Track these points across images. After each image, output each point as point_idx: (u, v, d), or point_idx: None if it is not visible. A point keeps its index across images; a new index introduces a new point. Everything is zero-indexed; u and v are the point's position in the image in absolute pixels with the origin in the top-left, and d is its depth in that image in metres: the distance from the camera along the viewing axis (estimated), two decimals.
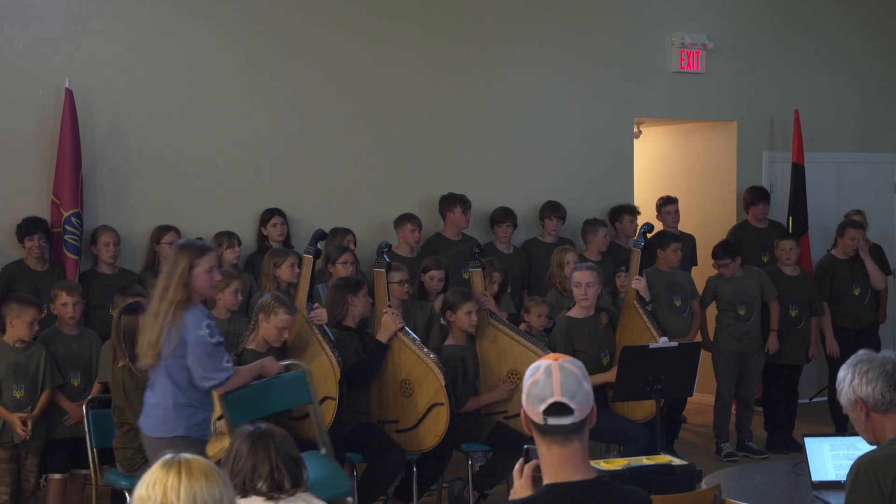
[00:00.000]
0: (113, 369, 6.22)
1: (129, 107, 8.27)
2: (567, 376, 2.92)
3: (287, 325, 6.40)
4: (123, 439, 6.18)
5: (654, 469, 4.64)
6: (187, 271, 5.24)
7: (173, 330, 5.20)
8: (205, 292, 5.37)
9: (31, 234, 7.60)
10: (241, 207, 8.52)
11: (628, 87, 9.99)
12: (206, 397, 5.42)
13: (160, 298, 5.25)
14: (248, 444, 3.59)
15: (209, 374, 5.29)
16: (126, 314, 6.14)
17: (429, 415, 6.68)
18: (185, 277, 5.24)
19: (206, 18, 8.55)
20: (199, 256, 5.28)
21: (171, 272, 5.27)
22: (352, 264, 7.70)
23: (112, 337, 6.26)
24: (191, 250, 5.32)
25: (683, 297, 8.54)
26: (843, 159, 10.84)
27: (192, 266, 5.26)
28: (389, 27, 9.11)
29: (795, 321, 8.90)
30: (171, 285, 5.24)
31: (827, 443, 4.90)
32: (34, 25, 8.01)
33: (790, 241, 9.04)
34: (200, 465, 2.64)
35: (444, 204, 8.96)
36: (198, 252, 5.30)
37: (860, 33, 10.94)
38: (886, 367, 3.43)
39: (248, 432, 3.63)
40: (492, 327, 7.16)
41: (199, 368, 5.26)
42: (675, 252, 8.53)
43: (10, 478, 6.69)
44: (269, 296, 6.60)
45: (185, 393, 5.29)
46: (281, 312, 6.36)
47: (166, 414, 5.29)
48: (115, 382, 6.18)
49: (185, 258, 5.28)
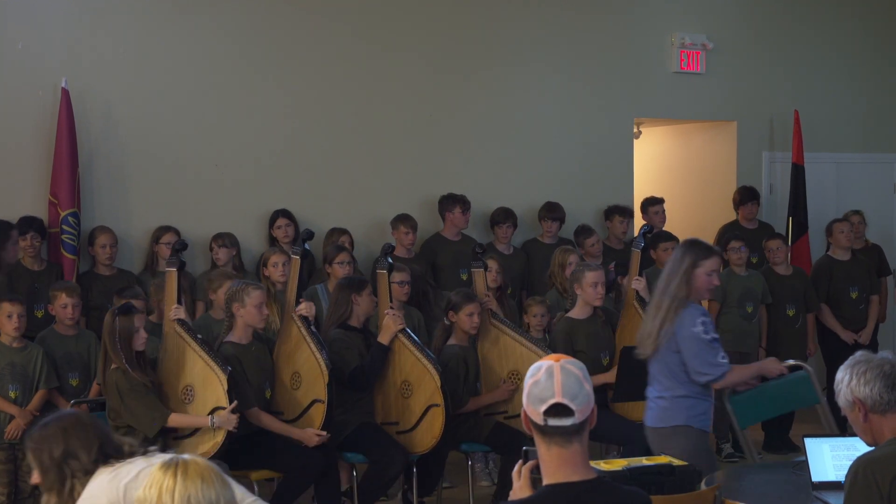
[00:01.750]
0: (105, 372, 6.15)
1: (126, 106, 8.27)
2: (568, 377, 2.91)
3: (262, 300, 6.44)
4: None
5: (654, 469, 4.63)
6: (691, 269, 5.35)
7: (669, 325, 5.34)
8: (702, 293, 5.44)
9: (24, 234, 7.59)
10: (241, 207, 8.52)
11: (628, 87, 9.98)
12: (706, 388, 5.49)
13: (662, 293, 5.39)
14: (60, 431, 3.55)
15: (704, 369, 5.37)
16: (120, 315, 6.11)
17: (426, 416, 6.68)
18: (689, 275, 5.34)
19: (206, 18, 8.54)
20: (705, 258, 5.38)
21: (676, 269, 5.38)
22: (348, 264, 7.70)
23: (104, 339, 6.17)
24: (697, 250, 5.41)
25: None
26: (843, 159, 10.83)
27: (696, 265, 5.35)
28: (390, 28, 9.11)
29: (793, 320, 8.89)
30: (674, 281, 5.36)
31: (827, 443, 4.89)
32: (32, 25, 8.00)
33: (777, 241, 9.05)
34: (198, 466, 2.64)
35: (444, 204, 8.96)
36: (704, 252, 5.40)
37: (860, 33, 10.93)
38: (884, 367, 3.43)
39: (46, 424, 3.60)
40: (493, 328, 7.16)
41: (695, 363, 5.35)
42: (666, 252, 8.54)
43: (7, 478, 6.70)
44: (233, 283, 6.61)
45: (684, 385, 5.41)
46: (251, 290, 6.41)
47: (667, 405, 5.44)
48: (109, 385, 6.11)
49: (690, 257, 5.38)
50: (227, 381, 6.18)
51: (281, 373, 6.63)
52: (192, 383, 6.31)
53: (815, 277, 9.14)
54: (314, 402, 6.51)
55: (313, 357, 6.53)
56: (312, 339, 6.56)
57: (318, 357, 6.51)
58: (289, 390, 6.61)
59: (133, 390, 6.05)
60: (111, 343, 6.11)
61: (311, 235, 7.08)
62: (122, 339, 6.09)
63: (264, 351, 6.60)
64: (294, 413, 6.58)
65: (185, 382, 6.33)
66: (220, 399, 6.20)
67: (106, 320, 6.19)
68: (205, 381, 6.27)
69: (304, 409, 6.56)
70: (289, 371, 6.61)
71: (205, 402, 6.26)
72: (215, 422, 6.13)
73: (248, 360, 6.41)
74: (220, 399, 6.21)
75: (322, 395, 6.49)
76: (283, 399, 6.63)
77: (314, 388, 6.51)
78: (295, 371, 6.59)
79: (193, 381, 6.31)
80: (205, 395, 6.27)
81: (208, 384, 6.25)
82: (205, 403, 6.26)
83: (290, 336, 6.64)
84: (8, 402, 6.67)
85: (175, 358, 6.38)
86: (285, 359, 6.64)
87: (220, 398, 6.20)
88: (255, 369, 6.44)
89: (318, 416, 6.49)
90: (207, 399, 6.26)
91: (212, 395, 6.25)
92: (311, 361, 6.54)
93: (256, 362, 6.47)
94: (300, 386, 6.57)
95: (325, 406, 6.48)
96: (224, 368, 6.21)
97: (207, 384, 6.26)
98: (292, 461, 6.42)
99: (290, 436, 6.42)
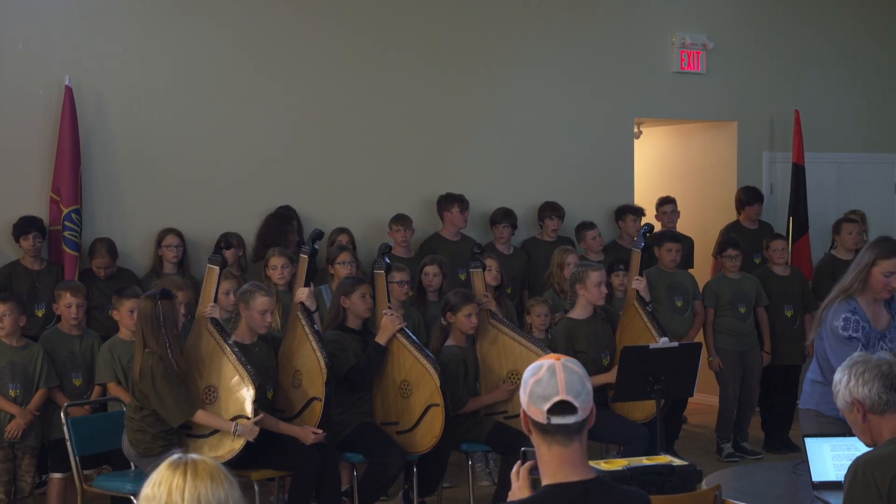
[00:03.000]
0: (140, 356, 6.06)
1: (129, 105, 8.27)
2: (571, 375, 2.91)
3: (268, 308, 6.41)
4: (142, 423, 6.08)
5: (654, 469, 4.63)
6: (869, 266, 5.40)
7: (827, 312, 5.44)
8: (877, 291, 5.44)
9: (25, 234, 7.60)
10: (242, 207, 8.52)
11: (628, 87, 9.99)
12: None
13: (840, 281, 5.46)
14: None
15: (836, 363, 5.36)
16: (163, 300, 6.03)
17: (425, 416, 6.68)
18: (866, 271, 5.38)
19: (207, 18, 8.54)
20: (883, 258, 5.40)
21: (859, 262, 5.44)
22: (350, 263, 7.70)
23: (141, 325, 6.08)
24: (879, 248, 5.42)
25: (685, 298, 8.56)
26: (843, 159, 10.83)
27: (874, 263, 5.38)
28: (390, 28, 9.11)
29: (791, 321, 8.89)
30: (851, 274, 5.42)
31: (827, 443, 4.89)
32: (34, 24, 8.01)
33: (782, 241, 9.06)
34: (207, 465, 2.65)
35: (442, 204, 8.96)
36: (884, 252, 5.41)
37: (860, 33, 10.94)
38: (882, 368, 3.43)
39: None
40: (492, 328, 7.16)
41: (831, 356, 5.39)
42: (670, 252, 8.56)
43: (7, 477, 6.68)
44: (246, 284, 6.61)
45: (824, 373, 5.44)
46: (259, 296, 6.38)
47: (811, 388, 5.56)
48: (144, 368, 6.02)
49: (871, 253, 5.41)
50: (254, 390, 6.15)
51: (283, 370, 6.63)
52: (217, 385, 6.25)
53: (818, 276, 9.13)
54: (312, 399, 6.52)
55: (314, 355, 6.53)
56: (314, 336, 6.57)
57: (319, 355, 6.52)
58: (290, 387, 6.62)
59: (167, 377, 6.01)
60: (153, 328, 6.01)
61: (320, 235, 7.07)
62: (165, 322, 6.02)
63: (267, 351, 6.60)
64: (293, 410, 6.59)
65: (208, 382, 6.28)
66: (244, 408, 6.17)
67: (144, 305, 6.10)
68: (231, 386, 6.23)
69: (302, 406, 6.56)
70: (291, 368, 6.62)
71: (227, 407, 6.21)
72: (238, 430, 6.10)
73: (251, 361, 6.41)
74: (243, 408, 6.18)
75: (320, 394, 6.49)
76: (283, 396, 6.64)
77: (313, 386, 6.51)
78: (296, 369, 6.60)
79: (218, 384, 6.25)
80: (228, 400, 6.22)
81: (234, 390, 6.21)
82: (227, 408, 6.21)
83: (295, 334, 6.65)
84: (8, 401, 6.67)
85: (203, 356, 6.33)
86: (288, 356, 6.64)
87: (244, 407, 6.17)
88: (258, 370, 6.44)
89: (315, 415, 6.49)
90: (230, 405, 6.21)
91: (235, 402, 6.20)
92: (311, 359, 6.54)
93: (259, 362, 6.46)
94: (300, 383, 6.57)
95: (323, 405, 6.48)
96: (253, 377, 6.18)
97: (233, 390, 6.21)
98: (291, 460, 6.43)
99: (287, 433, 6.42)
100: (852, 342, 5.39)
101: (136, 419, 6.14)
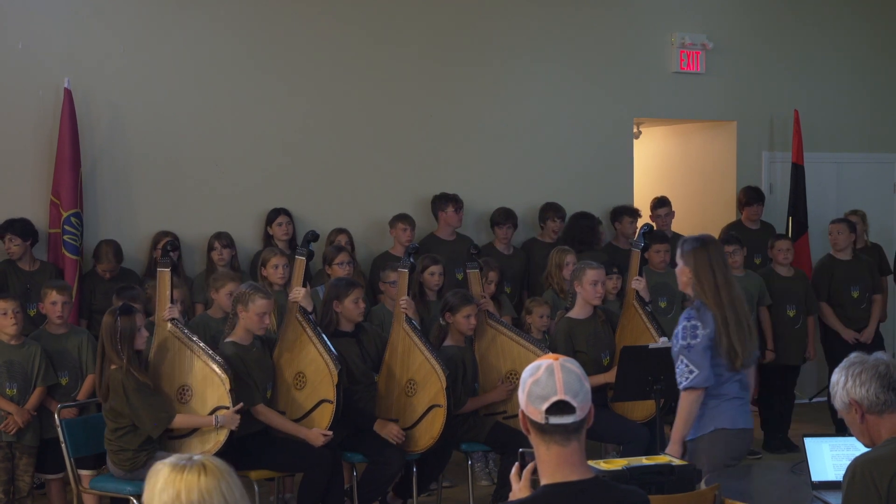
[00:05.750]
0: (104, 373, 6.10)
1: (128, 106, 8.28)
2: (569, 375, 2.92)
3: (266, 310, 6.41)
4: (120, 442, 6.11)
5: (653, 469, 4.63)
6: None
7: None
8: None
9: (1, 236, 7.61)
10: (241, 207, 8.53)
11: (628, 87, 9.99)
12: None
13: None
14: None
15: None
16: (122, 315, 6.08)
17: (426, 416, 6.68)
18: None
19: (207, 18, 8.55)
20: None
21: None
22: (348, 264, 7.69)
23: (104, 339, 6.12)
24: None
25: (670, 299, 8.55)
26: (843, 159, 10.83)
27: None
28: (390, 28, 9.11)
29: (793, 321, 8.88)
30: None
31: (827, 443, 4.89)
32: (34, 25, 8.01)
33: (786, 242, 9.05)
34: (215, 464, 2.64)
35: (437, 204, 8.96)
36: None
37: (861, 33, 10.93)
38: (879, 368, 3.43)
39: None
40: (490, 328, 7.17)
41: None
42: (658, 253, 8.56)
43: (6, 476, 6.67)
44: (244, 285, 6.59)
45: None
46: (257, 298, 6.36)
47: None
48: (114, 385, 6.05)
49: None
50: (229, 381, 6.18)
51: (283, 372, 6.62)
52: (190, 383, 6.29)
53: (817, 276, 9.12)
54: (322, 402, 6.51)
55: (320, 357, 6.52)
56: (318, 339, 6.56)
57: (327, 358, 6.51)
58: (291, 390, 6.61)
59: (139, 390, 6.04)
60: (112, 343, 6.06)
61: (315, 237, 7.06)
62: (123, 338, 6.06)
63: (264, 351, 6.60)
64: (298, 413, 6.57)
65: (181, 382, 6.31)
66: (222, 398, 6.20)
67: (106, 321, 6.14)
68: (204, 380, 6.26)
69: (309, 409, 6.55)
70: (292, 371, 6.60)
71: (204, 402, 6.26)
72: (219, 421, 6.13)
73: (250, 360, 6.41)
74: (221, 398, 6.20)
75: (331, 396, 6.49)
76: (284, 399, 6.63)
77: (321, 388, 6.50)
78: (299, 371, 6.58)
79: (191, 381, 6.29)
80: (204, 394, 6.26)
81: (208, 384, 6.25)
82: (204, 403, 6.26)
83: (294, 336, 6.64)
84: (5, 399, 6.65)
85: (170, 358, 6.36)
86: (288, 358, 6.63)
87: (222, 397, 6.20)
88: (257, 369, 6.45)
89: (325, 417, 6.49)
90: (208, 398, 6.25)
91: (212, 395, 6.24)
92: (317, 362, 6.53)
93: (257, 362, 6.47)
94: (305, 386, 6.56)
95: (334, 406, 6.48)
96: (225, 368, 6.21)
97: (207, 384, 6.25)
98: (296, 461, 6.43)
99: (297, 435, 6.42)
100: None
101: (113, 440, 6.14)
